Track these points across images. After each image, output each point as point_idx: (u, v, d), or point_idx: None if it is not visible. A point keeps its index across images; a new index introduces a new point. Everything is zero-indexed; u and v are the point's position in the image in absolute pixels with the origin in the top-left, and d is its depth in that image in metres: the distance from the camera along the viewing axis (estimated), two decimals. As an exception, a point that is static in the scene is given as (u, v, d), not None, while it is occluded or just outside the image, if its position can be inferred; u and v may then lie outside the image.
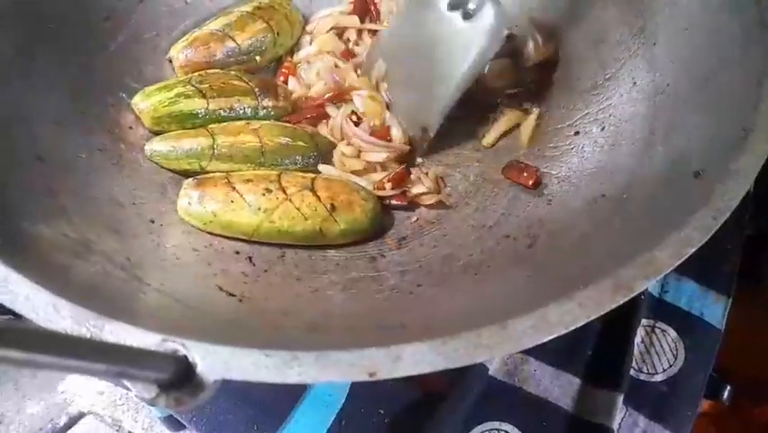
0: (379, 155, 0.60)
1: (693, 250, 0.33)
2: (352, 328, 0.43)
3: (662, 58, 0.52)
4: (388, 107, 0.62)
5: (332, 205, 0.53)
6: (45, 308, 0.30)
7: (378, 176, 0.59)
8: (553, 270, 0.43)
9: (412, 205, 0.59)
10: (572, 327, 0.31)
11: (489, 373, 0.58)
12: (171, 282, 0.43)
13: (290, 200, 0.52)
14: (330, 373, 0.29)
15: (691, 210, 0.35)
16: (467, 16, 0.54)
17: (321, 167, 0.60)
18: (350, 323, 0.44)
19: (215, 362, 0.29)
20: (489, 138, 0.63)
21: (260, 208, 0.52)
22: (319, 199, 0.53)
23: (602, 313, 0.31)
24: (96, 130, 0.53)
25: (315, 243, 0.54)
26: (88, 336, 0.30)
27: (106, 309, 0.31)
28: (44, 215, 0.41)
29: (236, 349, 0.29)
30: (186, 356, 0.29)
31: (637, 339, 0.60)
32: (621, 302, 0.31)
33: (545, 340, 0.30)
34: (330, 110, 0.63)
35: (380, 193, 0.58)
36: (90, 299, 0.32)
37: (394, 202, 0.59)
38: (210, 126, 0.58)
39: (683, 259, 0.33)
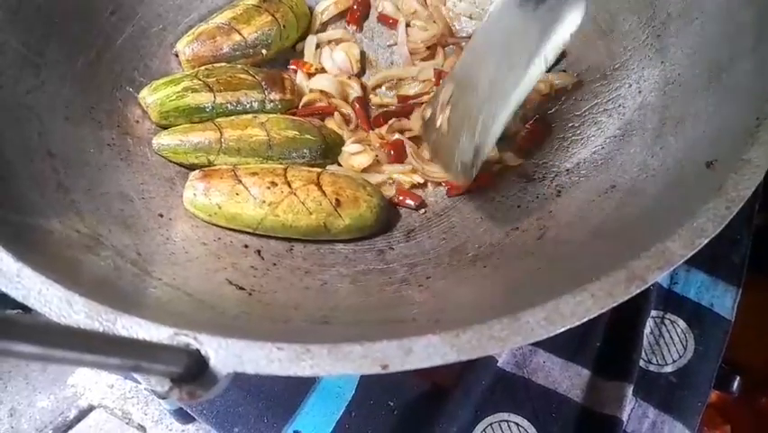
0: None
1: (706, 240, 0.33)
2: (361, 321, 0.43)
3: (673, 47, 0.51)
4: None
5: (337, 200, 0.53)
6: (58, 303, 0.30)
7: (380, 177, 0.59)
8: (564, 261, 0.43)
9: (420, 206, 0.59)
10: (585, 319, 0.30)
11: (498, 364, 0.58)
12: (181, 276, 0.43)
13: (295, 194, 0.52)
14: (342, 365, 0.29)
15: (704, 200, 0.35)
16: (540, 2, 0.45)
17: (329, 168, 0.60)
18: (359, 316, 0.44)
19: (228, 355, 0.29)
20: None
21: (264, 201, 0.52)
22: (324, 194, 0.53)
23: (615, 304, 0.31)
24: (104, 125, 0.53)
25: (320, 237, 0.54)
26: (101, 330, 0.30)
27: (118, 304, 0.31)
28: (56, 210, 0.41)
29: (249, 342, 0.29)
30: (198, 350, 0.29)
31: (647, 330, 0.60)
32: (634, 294, 0.31)
33: (558, 332, 0.30)
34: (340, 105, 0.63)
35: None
36: (102, 293, 0.32)
37: (401, 198, 0.59)
38: (217, 120, 0.58)
39: (696, 250, 0.33)
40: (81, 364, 0.25)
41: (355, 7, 0.69)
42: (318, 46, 0.68)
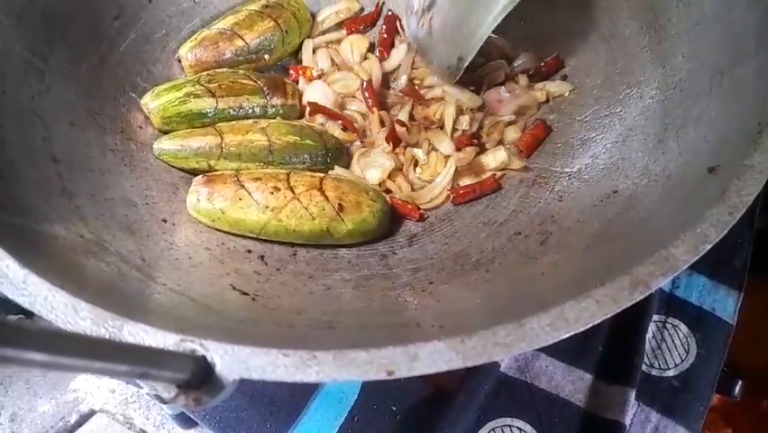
0: None
1: (710, 246, 0.33)
2: (365, 326, 0.43)
3: (674, 53, 0.51)
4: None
5: (340, 205, 0.53)
6: (64, 310, 0.30)
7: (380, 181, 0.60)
8: (567, 266, 0.43)
9: (420, 220, 0.59)
10: (590, 325, 0.31)
11: (501, 369, 0.58)
12: (186, 282, 0.43)
13: (298, 199, 0.52)
14: (348, 371, 0.29)
15: (707, 206, 0.35)
16: None
17: (331, 173, 0.60)
18: (363, 320, 0.44)
19: (234, 361, 0.29)
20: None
21: (267, 207, 0.52)
22: (327, 199, 0.53)
23: (619, 310, 0.31)
24: (108, 130, 0.53)
25: (323, 242, 0.54)
26: (107, 336, 0.30)
27: (123, 310, 0.31)
28: (60, 215, 0.41)
29: (254, 349, 0.29)
30: (204, 356, 0.29)
31: (649, 335, 0.60)
32: (638, 299, 0.31)
33: (563, 338, 0.30)
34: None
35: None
36: (107, 299, 0.32)
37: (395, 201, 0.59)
38: (218, 125, 0.58)
39: (700, 255, 0.33)
40: (89, 372, 0.25)
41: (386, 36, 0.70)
42: (315, 51, 0.69)
